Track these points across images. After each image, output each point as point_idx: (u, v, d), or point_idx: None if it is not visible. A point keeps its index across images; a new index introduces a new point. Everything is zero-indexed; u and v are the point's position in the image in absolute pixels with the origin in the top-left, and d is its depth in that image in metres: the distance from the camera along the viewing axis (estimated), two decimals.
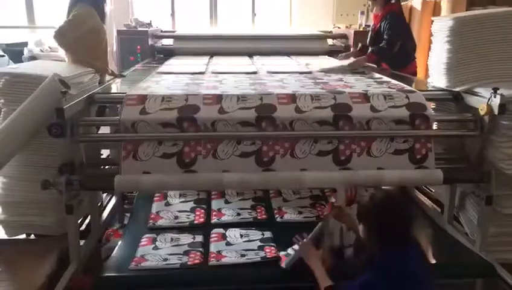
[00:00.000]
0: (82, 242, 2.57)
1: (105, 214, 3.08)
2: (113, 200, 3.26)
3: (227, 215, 2.86)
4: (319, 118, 2.35)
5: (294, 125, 2.34)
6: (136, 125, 2.30)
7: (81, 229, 2.71)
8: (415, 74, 4.00)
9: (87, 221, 2.87)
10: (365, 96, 2.48)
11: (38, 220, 2.54)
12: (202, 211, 2.93)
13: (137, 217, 2.95)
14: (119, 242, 2.60)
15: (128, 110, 2.36)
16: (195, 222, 2.80)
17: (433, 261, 2.56)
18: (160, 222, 2.78)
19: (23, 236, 2.70)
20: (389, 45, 3.69)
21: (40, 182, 2.24)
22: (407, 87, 2.76)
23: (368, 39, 4.17)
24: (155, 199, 3.07)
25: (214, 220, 2.81)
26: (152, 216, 2.85)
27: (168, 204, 3.01)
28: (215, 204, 3.01)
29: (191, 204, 3.02)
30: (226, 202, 3.05)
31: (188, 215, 2.87)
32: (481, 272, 2.39)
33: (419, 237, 2.81)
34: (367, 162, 2.36)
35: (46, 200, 2.47)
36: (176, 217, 2.84)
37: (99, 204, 3.04)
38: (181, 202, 3.05)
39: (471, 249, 2.51)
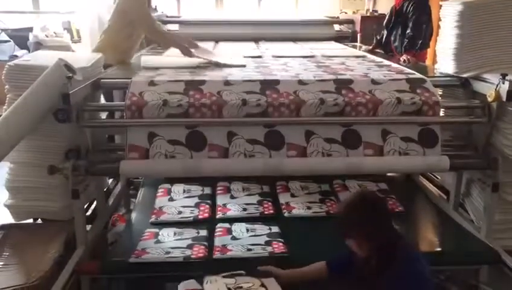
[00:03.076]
0: (88, 227, 2.60)
1: (111, 199, 3.10)
2: (119, 186, 3.27)
3: (233, 211, 2.76)
4: (321, 88, 2.39)
5: (299, 93, 2.35)
6: (143, 94, 2.32)
7: (87, 214, 2.73)
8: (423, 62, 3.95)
9: (93, 206, 2.90)
10: (366, 75, 2.59)
11: (45, 205, 2.55)
12: (207, 206, 2.84)
13: (141, 206, 2.95)
14: (123, 230, 2.62)
15: (136, 82, 2.45)
16: (200, 216, 2.72)
17: (439, 248, 2.58)
18: (163, 217, 2.71)
19: (31, 221, 2.72)
20: (418, 31, 3.63)
21: (47, 168, 2.26)
22: (407, 70, 2.79)
23: (385, 21, 4.10)
24: (158, 194, 3.00)
25: (219, 215, 2.73)
26: (155, 211, 2.78)
27: (171, 199, 2.95)
28: (220, 199, 2.93)
29: (195, 199, 2.93)
30: (232, 197, 2.96)
31: (192, 210, 2.79)
32: (486, 259, 2.39)
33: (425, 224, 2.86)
34: (373, 124, 2.35)
35: (53, 186, 2.47)
36: (180, 212, 2.77)
37: (105, 189, 3.06)
38: (185, 197, 2.97)
39: (476, 236, 2.51)
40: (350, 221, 1.80)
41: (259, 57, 3.42)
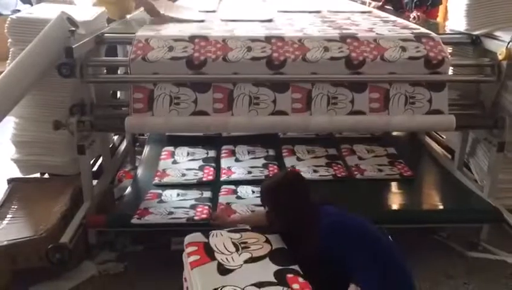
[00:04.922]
0: (95, 182, 2.63)
1: (117, 156, 3.13)
2: (125, 142, 3.29)
3: (238, 173, 2.75)
4: (326, 37, 2.40)
5: (304, 41, 2.35)
6: (149, 41, 2.33)
7: (94, 169, 2.76)
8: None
9: (99, 162, 2.92)
10: (371, 30, 2.58)
11: (52, 160, 2.58)
12: (211, 169, 2.84)
13: (146, 164, 2.98)
14: (129, 187, 2.66)
15: (144, 30, 2.51)
16: (204, 179, 2.72)
17: (442, 207, 2.61)
18: (167, 179, 2.71)
19: (38, 175, 2.75)
20: None
21: (52, 123, 2.26)
22: (412, 25, 2.74)
23: None
24: (162, 157, 3.00)
25: (224, 177, 2.73)
26: (158, 173, 2.78)
27: (175, 162, 2.94)
28: (224, 162, 2.92)
29: (200, 162, 2.93)
30: (237, 160, 2.94)
31: (196, 173, 2.79)
32: (488, 217, 2.41)
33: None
34: (380, 66, 2.31)
35: (59, 141, 2.49)
36: (183, 175, 2.77)
37: (111, 146, 3.07)
38: (189, 160, 2.96)
39: (479, 195, 2.52)
40: (266, 195, 1.93)
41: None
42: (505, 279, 2.27)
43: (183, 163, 2.94)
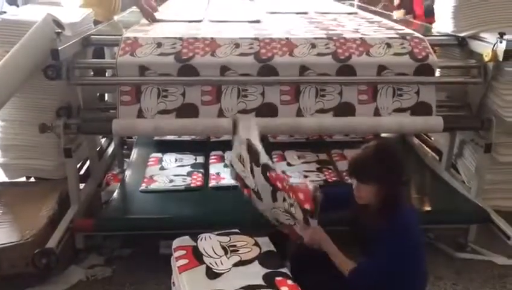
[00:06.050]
0: (82, 186, 2.60)
1: (105, 159, 3.10)
2: (112, 146, 3.26)
3: (227, 179, 2.62)
4: (313, 36, 2.44)
5: (291, 39, 2.38)
6: (137, 38, 2.34)
7: (81, 173, 2.73)
8: None
9: (86, 165, 2.89)
10: (356, 30, 2.63)
11: (38, 164, 2.54)
12: (199, 175, 2.79)
13: (134, 167, 2.96)
14: (116, 191, 2.63)
15: (132, 31, 2.53)
16: (192, 185, 2.67)
17: (429, 208, 2.62)
18: (154, 186, 2.66)
19: (24, 179, 2.72)
20: None
21: (38, 126, 2.23)
22: (397, 26, 2.78)
23: None
24: (149, 163, 2.95)
25: (212, 183, 2.68)
26: (145, 180, 2.72)
27: (162, 168, 2.89)
28: (213, 168, 2.86)
29: (188, 168, 2.88)
30: (226, 166, 2.85)
31: (184, 178, 2.74)
32: (476, 218, 2.43)
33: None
34: (367, 60, 2.32)
35: (45, 144, 2.46)
36: (171, 181, 2.72)
37: (98, 149, 3.05)
38: (177, 166, 2.92)
39: (466, 196, 2.54)
40: (374, 167, 1.68)
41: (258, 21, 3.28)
42: (493, 280, 2.29)
43: (171, 169, 2.89)
